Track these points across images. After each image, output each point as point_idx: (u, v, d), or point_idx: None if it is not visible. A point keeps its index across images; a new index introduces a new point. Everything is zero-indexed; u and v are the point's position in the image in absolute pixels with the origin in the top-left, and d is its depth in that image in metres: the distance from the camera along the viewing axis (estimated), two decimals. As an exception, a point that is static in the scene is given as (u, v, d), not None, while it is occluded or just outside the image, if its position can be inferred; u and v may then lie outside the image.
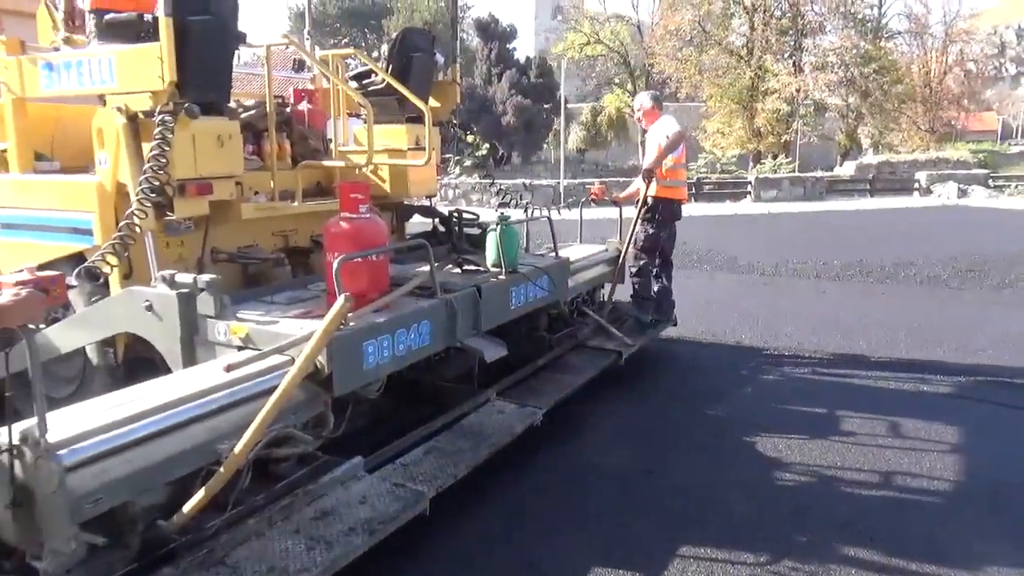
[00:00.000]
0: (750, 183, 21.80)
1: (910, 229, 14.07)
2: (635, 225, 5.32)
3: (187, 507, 2.38)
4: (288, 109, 4.54)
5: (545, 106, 34.87)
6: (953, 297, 7.75)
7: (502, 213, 4.07)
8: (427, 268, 3.40)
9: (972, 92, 38.76)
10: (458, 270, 3.98)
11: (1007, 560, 2.94)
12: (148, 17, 3.42)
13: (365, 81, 4.62)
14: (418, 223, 5.07)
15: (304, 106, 4.60)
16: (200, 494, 2.38)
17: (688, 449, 3.95)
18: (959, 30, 35.57)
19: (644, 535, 3.11)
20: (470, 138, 22.93)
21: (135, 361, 3.34)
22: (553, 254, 4.53)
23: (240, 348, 2.92)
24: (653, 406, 4.58)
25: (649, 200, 5.33)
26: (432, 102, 4.78)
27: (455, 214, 4.84)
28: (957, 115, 37.33)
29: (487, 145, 25.88)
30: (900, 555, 2.96)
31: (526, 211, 5.11)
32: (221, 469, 2.38)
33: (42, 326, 3.02)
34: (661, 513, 3.28)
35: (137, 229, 3.07)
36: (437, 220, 4.95)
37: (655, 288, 5.56)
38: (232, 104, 3.63)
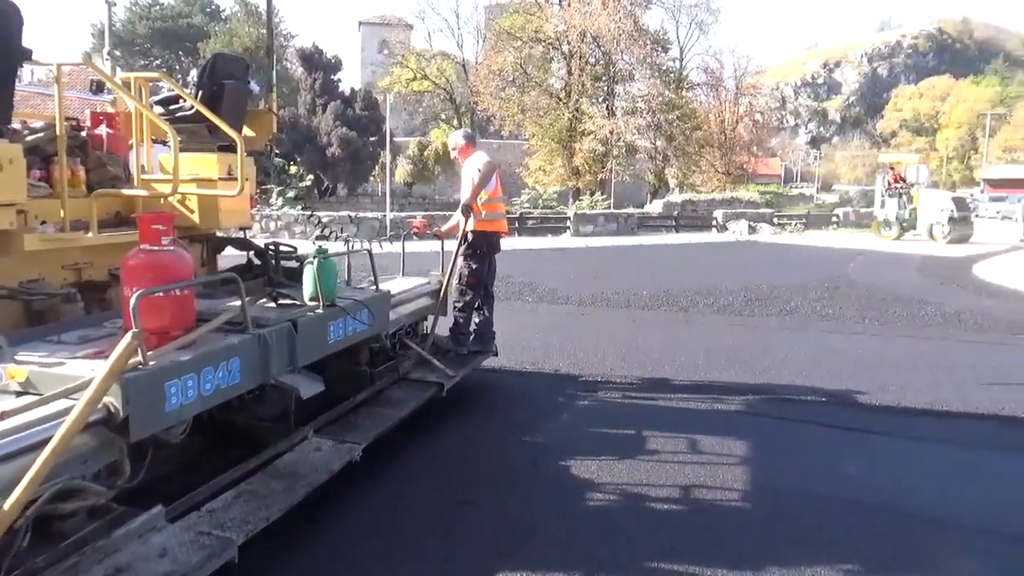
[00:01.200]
0: (569, 218, 22.87)
1: (708, 262, 15.42)
2: (455, 260, 5.43)
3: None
4: (84, 133, 4.20)
5: (371, 139, 34.67)
6: (743, 324, 8.56)
7: (319, 246, 4.00)
8: (238, 302, 3.27)
9: (760, 139, 43.62)
10: (273, 304, 3.85)
11: (792, 562, 3.24)
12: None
13: (173, 107, 4.40)
14: (234, 256, 4.85)
15: (103, 130, 4.28)
16: (-36, 561, 2.12)
17: (506, 478, 4.03)
18: (748, 84, 39.83)
19: (464, 568, 3.13)
20: (292, 169, 22.21)
21: None
22: (374, 287, 4.50)
23: (19, 394, 2.66)
24: (473, 436, 4.65)
25: (469, 235, 5.46)
26: (247, 131, 4.62)
27: (271, 246, 4.69)
28: (748, 159, 41.66)
29: (311, 176, 25.21)
30: (699, 563, 3.20)
31: (346, 243, 5.05)
32: (-11, 531, 2.14)
33: None
34: (480, 544, 3.31)
35: None
36: (252, 253, 4.76)
37: (476, 320, 5.68)
38: (16, 125, 3.31)
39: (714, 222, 25.88)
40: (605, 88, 34.48)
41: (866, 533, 3.50)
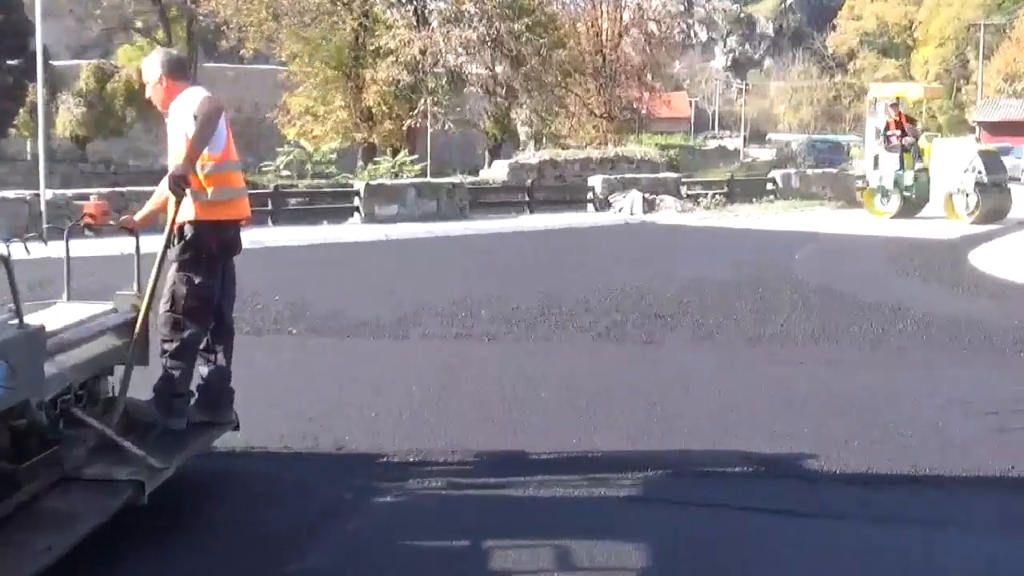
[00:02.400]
0: (358, 194, 22.88)
1: (579, 260, 16.04)
2: (158, 267, 5.28)
3: None
4: None
5: (10, 62, 33.01)
6: (636, 355, 8.91)
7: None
8: None
9: (657, 64, 45.59)
10: None
11: None
12: None
13: None
14: None
15: None
16: None
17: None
18: (635, -26, 41.68)
19: None
20: None
21: None
22: (15, 321, 4.32)
23: None
24: (196, 568, 4.55)
25: (185, 228, 5.33)
26: None
27: None
28: (640, 96, 43.55)
29: None
30: None
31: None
32: None
33: None
34: None
35: None
36: None
37: (204, 372, 5.56)
38: None
39: (590, 195, 26.85)
40: (412, -19, 34.98)
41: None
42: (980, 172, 21.78)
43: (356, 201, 22.77)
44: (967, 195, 21.89)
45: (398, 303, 11.22)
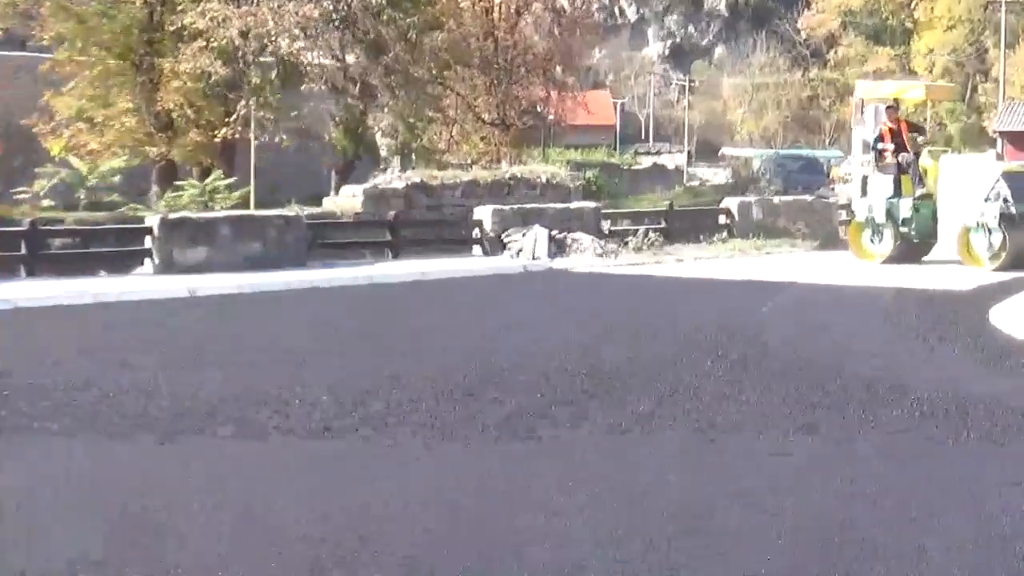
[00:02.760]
0: (151, 231, 22.35)
1: (463, 321, 16.08)
2: None
3: None
4: None
5: None
6: (532, 453, 8.69)
7: None
8: None
9: (568, 52, 45.69)
10: None
11: None
12: None
13: None
14: None
15: None
16: None
17: None
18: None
19: None
20: None
21: None
22: None
23: None
24: None
25: None
26: None
27: None
28: (546, 96, 43.72)
29: None
30: None
31: None
32: None
33: None
34: None
35: None
36: None
37: None
38: None
39: (477, 232, 26.67)
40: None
41: None
42: (1007, 200, 21.95)
43: (148, 242, 22.25)
44: (990, 232, 22.06)
45: (194, 390, 10.91)
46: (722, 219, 30.70)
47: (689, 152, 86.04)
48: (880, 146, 23.77)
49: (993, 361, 12.78)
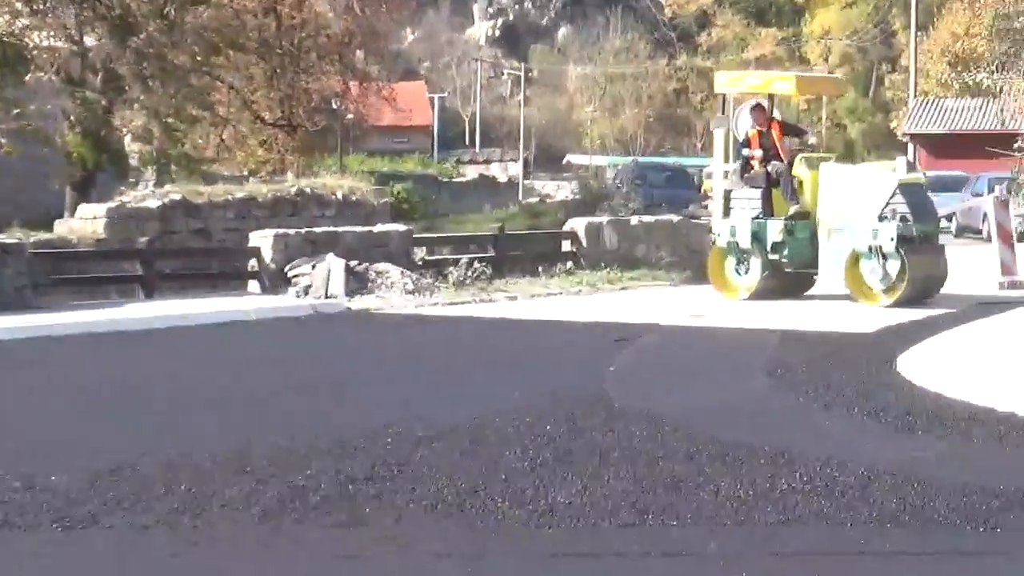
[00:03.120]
0: None
1: (228, 384, 15.99)
2: None
3: None
4: None
5: None
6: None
7: None
8: None
9: (372, 33, 45.57)
10: None
11: None
12: None
13: None
14: None
15: None
16: None
17: None
18: None
19: None
20: None
21: None
22: None
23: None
24: None
25: None
26: None
27: None
28: (343, 88, 43.63)
29: None
30: None
31: None
32: None
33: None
34: None
35: None
36: None
37: None
38: None
39: (255, 264, 26.46)
40: None
41: None
42: (906, 219, 22.04)
43: None
44: (884, 258, 22.01)
45: None
46: (567, 245, 30.76)
47: (526, 160, 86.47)
48: (745, 153, 23.71)
49: (903, 423, 12.97)
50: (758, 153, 23.36)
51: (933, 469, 10.72)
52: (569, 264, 29.57)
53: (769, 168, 23.22)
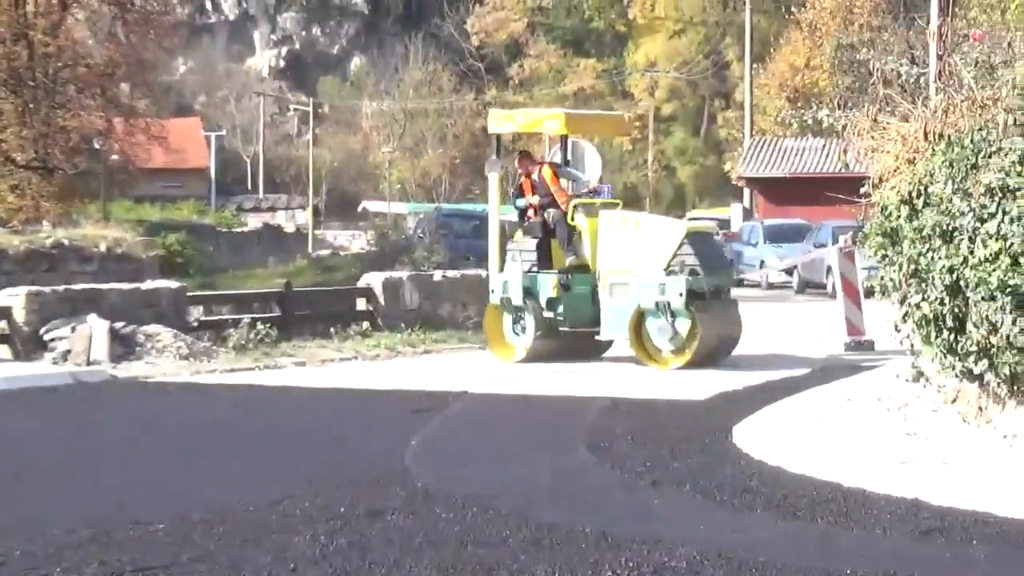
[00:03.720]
0: None
1: None
2: None
3: None
4: None
5: None
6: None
7: None
8: None
9: (140, 62, 45.29)
10: None
11: None
12: None
13: None
14: None
15: None
16: None
17: None
18: None
19: None
20: None
21: None
22: None
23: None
24: None
25: None
26: None
27: None
28: (107, 126, 43.40)
29: None
30: None
31: None
32: None
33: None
34: None
35: None
36: None
37: None
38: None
39: (3, 325, 26.10)
40: None
41: None
42: (696, 272, 22.16)
43: None
44: (673, 316, 22.13)
45: None
46: (362, 303, 30.76)
47: (316, 207, 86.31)
48: (520, 203, 23.94)
49: (740, 500, 13.04)
50: (534, 200, 23.53)
51: (773, 552, 10.76)
52: (365, 325, 29.55)
53: (545, 216, 23.33)
